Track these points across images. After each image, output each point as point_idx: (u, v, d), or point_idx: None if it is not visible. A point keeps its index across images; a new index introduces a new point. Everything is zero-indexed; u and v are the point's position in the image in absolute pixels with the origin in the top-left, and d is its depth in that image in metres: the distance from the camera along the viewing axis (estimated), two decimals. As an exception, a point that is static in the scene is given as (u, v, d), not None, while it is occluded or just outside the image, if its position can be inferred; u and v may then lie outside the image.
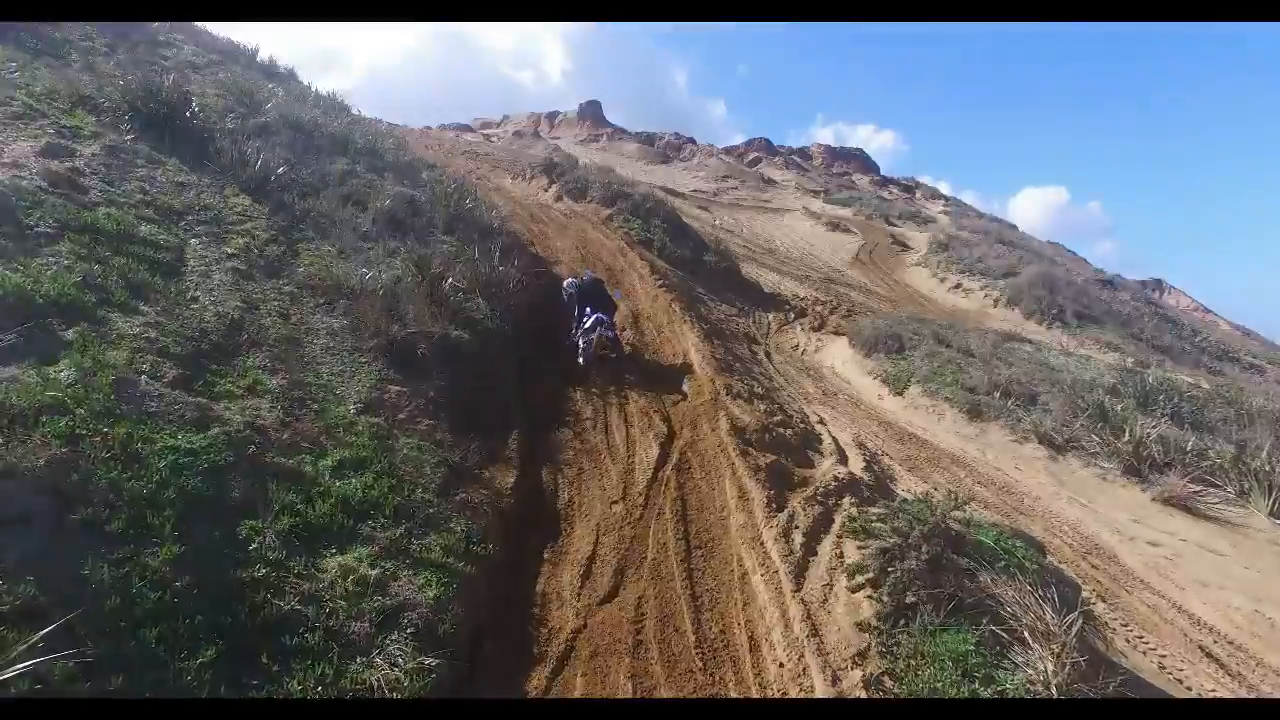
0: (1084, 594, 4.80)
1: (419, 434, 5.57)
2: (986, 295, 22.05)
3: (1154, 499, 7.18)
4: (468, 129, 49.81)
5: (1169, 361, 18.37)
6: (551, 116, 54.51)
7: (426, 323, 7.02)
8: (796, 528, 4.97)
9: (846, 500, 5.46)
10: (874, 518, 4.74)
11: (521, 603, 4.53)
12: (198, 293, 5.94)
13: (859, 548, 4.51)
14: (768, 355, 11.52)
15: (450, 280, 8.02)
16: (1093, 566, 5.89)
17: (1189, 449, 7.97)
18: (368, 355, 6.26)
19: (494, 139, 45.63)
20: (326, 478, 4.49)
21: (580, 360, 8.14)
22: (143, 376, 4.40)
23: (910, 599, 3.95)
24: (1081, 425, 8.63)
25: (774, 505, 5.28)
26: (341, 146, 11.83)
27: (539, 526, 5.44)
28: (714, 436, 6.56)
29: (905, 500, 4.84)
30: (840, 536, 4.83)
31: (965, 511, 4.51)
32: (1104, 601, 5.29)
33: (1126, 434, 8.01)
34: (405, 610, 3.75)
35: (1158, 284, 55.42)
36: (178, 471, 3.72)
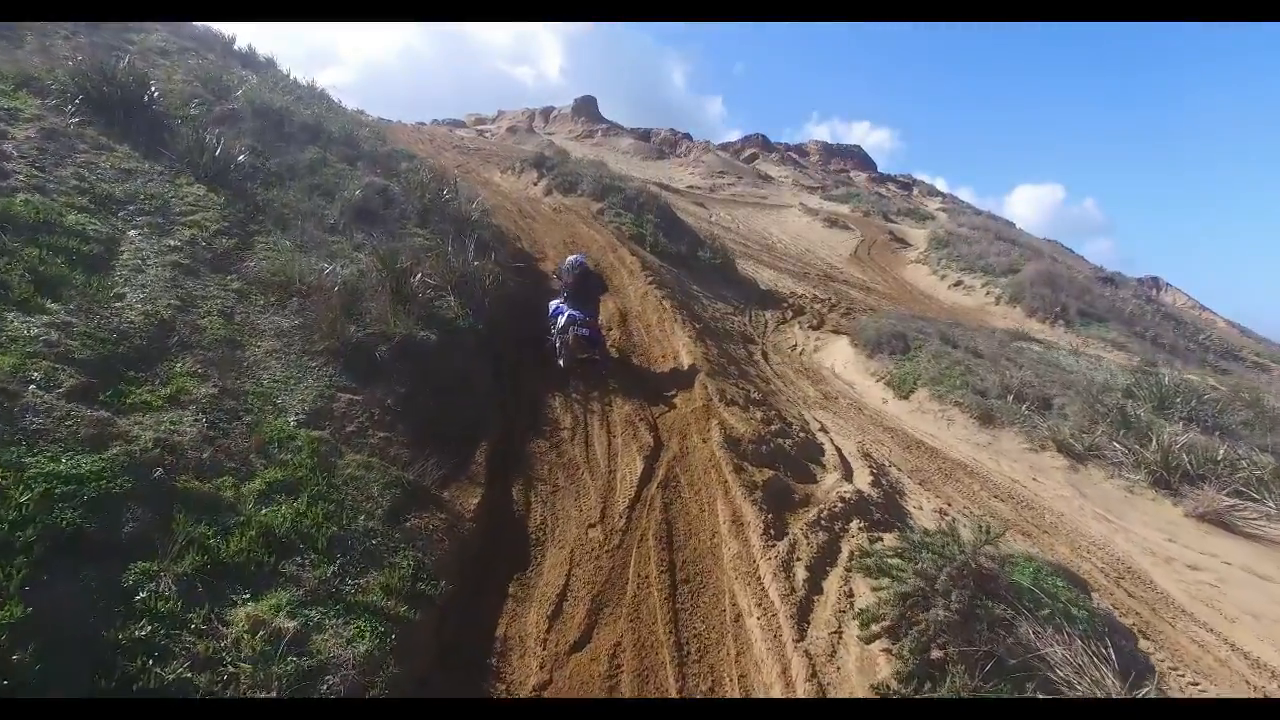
0: (1142, 644, 4.16)
1: (369, 449, 4.92)
2: (988, 293, 21.57)
3: (1187, 514, 6.56)
4: (460, 125, 49.05)
5: (1176, 361, 17.84)
6: (546, 112, 53.69)
7: (389, 323, 6.37)
8: (798, 559, 4.33)
9: (854, 524, 4.82)
10: (889, 552, 4.11)
11: (477, 652, 3.87)
12: (125, 289, 5.28)
13: (873, 589, 3.88)
14: (764, 356, 10.89)
15: (420, 275, 7.36)
16: (1129, 594, 5.26)
17: (1220, 459, 7.36)
18: (318, 359, 5.60)
19: (487, 134, 44.96)
20: (250, 504, 3.84)
21: (560, 363, 7.50)
22: (30, 386, 3.74)
23: (936, 654, 3.32)
24: (1103, 432, 8.02)
25: (772, 531, 4.64)
26: (313, 135, 11.17)
27: (505, 554, 4.79)
28: (705, 449, 5.92)
29: (927, 532, 4.21)
30: (849, 571, 4.20)
31: (998, 545, 3.89)
32: (1146, 637, 4.66)
33: (1154, 442, 7.40)
34: (326, 673, 3.09)
35: (1155, 281, 54.97)
36: (49, 505, 3.06)
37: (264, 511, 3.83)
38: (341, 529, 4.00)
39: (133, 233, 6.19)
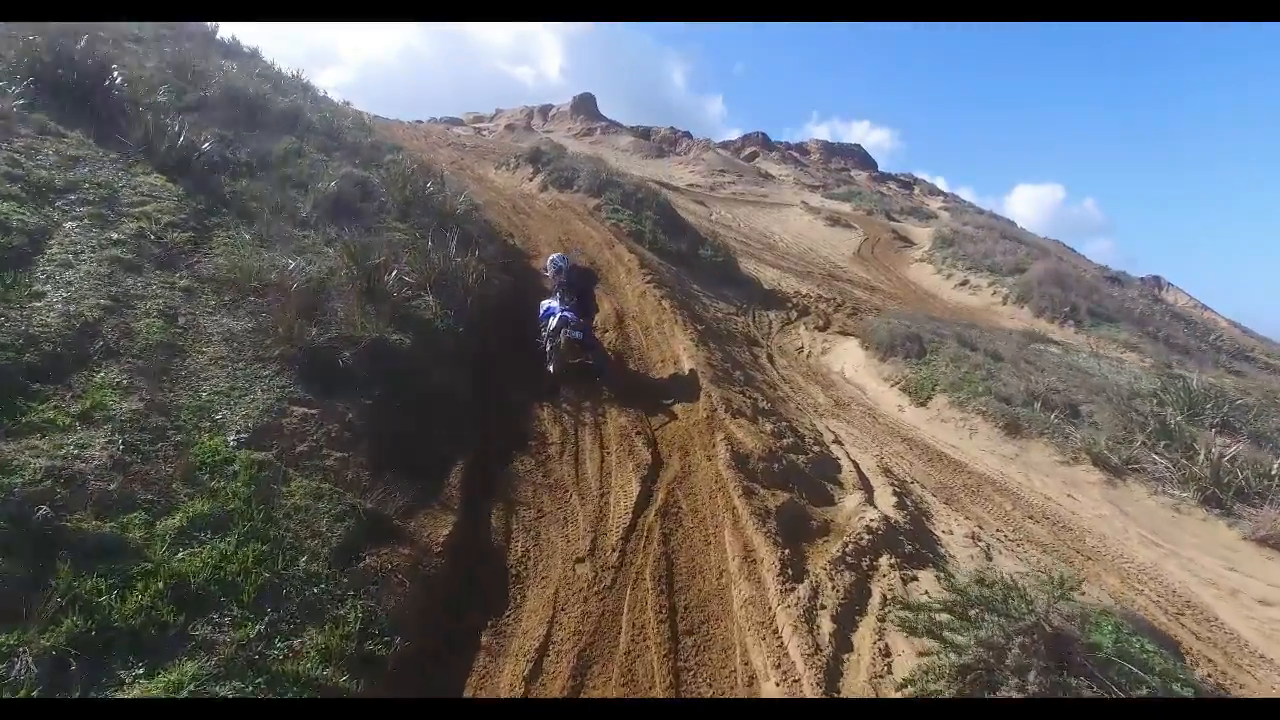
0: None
1: (322, 473, 4.24)
2: (994, 292, 20.98)
3: (1246, 538, 5.90)
4: (458, 123, 48.36)
5: (1190, 362, 17.23)
6: (545, 110, 52.96)
7: (356, 325, 5.70)
8: (822, 608, 3.66)
9: (884, 561, 4.16)
10: (936, 605, 3.44)
11: (435, 727, 3.21)
12: (46, 287, 4.63)
13: (920, 653, 3.21)
14: (770, 359, 10.22)
15: (395, 273, 6.69)
16: (1195, 635, 4.60)
17: (1275, 473, 6.70)
18: (271, 367, 4.93)
19: (485, 132, 44.30)
20: (162, 547, 3.16)
21: (549, 368, 6.83)
22: (-111, 406, 3.08)
23: (1007, 747, 2.66)
24: (1141, 443, 7.36)
25: (789, 571, 3.96)
26: (291, 124, 10.51)
27: (479, 595, 4.11)
28: (710, 467, 5.25)
29: (982, 581, 3.54)
30: (882, 622, 3.54)
31: (1072, 598, 3.20)
32: (1224, 691, 4.00)
33: (1201, 454, 6.74)
34: (231, 777, 2.43)
35: (1156, 281, 54.26)
36: (-128, 563, 2.40)
37: (179, 556, 3.16)
38: (276, 575, 3.33)
39: (69, 224, 5.54)
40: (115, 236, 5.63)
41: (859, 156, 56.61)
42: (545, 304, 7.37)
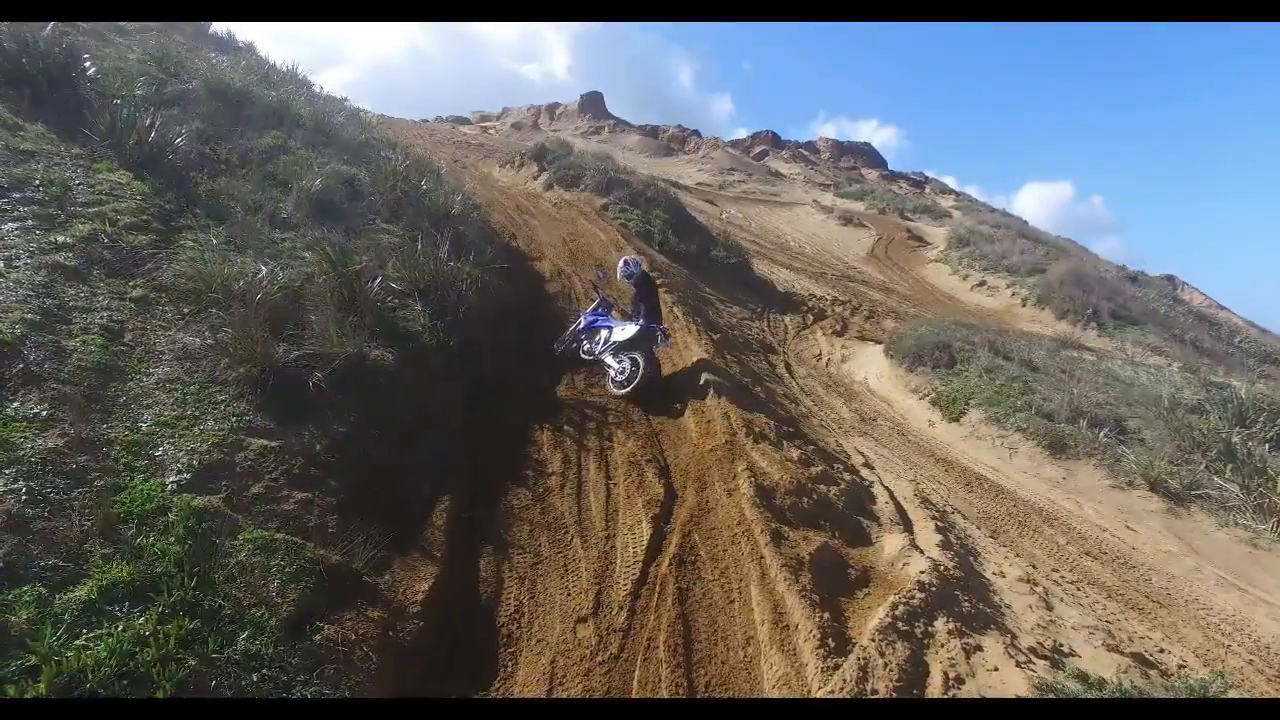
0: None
1: (279, 519, 3.61)
2: (1013, 294, 20.30)
3: (1339, 581, 5.21)
4: (465, 121, 47.88)
5: (1219, 367, 16.48)
6: (552, 108, 52.46)
7: (332, 339, 5.07)
8: (873, 693, 3.00)
9: (941, 626, 3.49)
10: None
11: None
12: (-39, 300, 4.02)
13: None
14: (788, 368, 9.56)
15: (380, 279, 6.06)
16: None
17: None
18: (229, 391, 4.30)
19: (492, 131, 43.81)
20: (56, 633, 2.53)
21: (621, 388, 6.17)
22: None
23: None
24: (1204, 466, 6.66)
25: (830, 642, 3.31)
26: (277, 119, 9.90)
27: (462, 664, 3.48)
28: (731, 504, 4.58)
29: (1085, 679, 2.87)
30: (955, 718, 2.89)
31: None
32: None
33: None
34: None
35: (1171, 280, 53.15)
36: None
37: (78, 642, 2.53)
38: (205, 661, 2.69)
39: (8, 225, 4.92)
40: (61, 240, 5.00)
41: (869, 155, 55.84)
42: (588, 316, 6.79)
